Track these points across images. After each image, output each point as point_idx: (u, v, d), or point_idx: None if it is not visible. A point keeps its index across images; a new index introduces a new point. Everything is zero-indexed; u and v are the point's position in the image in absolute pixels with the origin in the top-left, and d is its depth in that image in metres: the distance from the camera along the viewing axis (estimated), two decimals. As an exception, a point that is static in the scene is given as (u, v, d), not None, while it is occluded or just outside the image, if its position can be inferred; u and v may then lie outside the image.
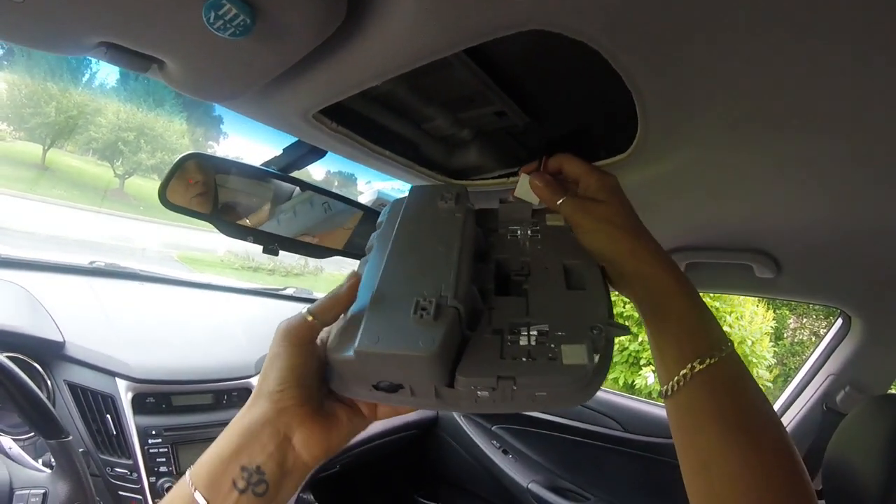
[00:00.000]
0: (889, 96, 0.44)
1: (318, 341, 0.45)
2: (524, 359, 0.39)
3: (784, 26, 0.37)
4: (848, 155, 0.56)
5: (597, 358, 0.40)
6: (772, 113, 0.50)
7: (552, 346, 0.40)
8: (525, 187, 0.57)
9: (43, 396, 0.95)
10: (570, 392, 0.39)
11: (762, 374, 6.37)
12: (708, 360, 0.45)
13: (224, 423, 1.32)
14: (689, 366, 0.45)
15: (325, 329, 0.46)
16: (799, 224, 0.81)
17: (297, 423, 0.43)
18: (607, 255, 0.50)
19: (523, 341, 0.41)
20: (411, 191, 0.57)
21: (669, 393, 0.46)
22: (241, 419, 0.43)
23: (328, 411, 0.45)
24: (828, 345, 1.43)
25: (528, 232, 0.54)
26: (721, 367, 0.45)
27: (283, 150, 0.81)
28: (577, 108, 0.68)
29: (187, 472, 0.42)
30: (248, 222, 0.86)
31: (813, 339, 8.05)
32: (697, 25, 0.38)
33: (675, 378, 0.46)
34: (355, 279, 0.45)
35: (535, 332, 0.41)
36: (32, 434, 1.19)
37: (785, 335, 8.16)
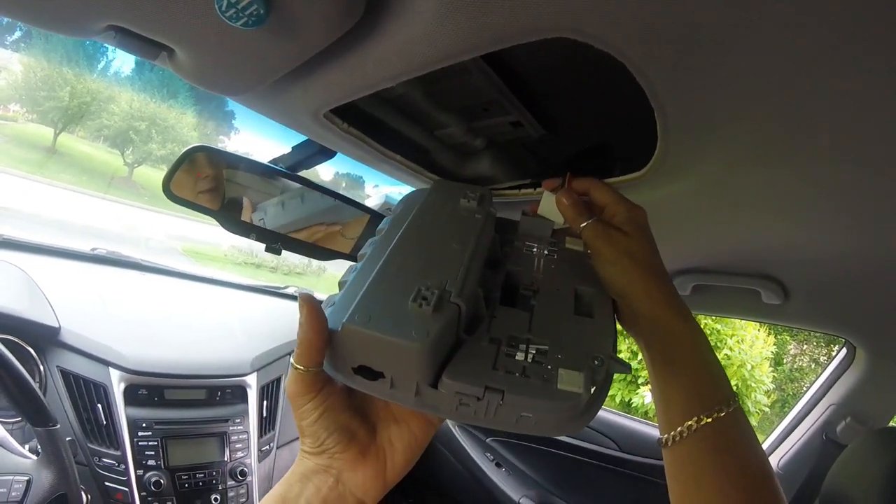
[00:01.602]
0: None
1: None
2: (517, 374, 0.37)
3: (814, 49, 0.36)
4: (870, 185, 0.54)
5: (592, 390, 0.38)
6: (794, 138, 0.49)
7: (549, 367, 0.38)
8: (549, 205, 0.56)
9: (33, 383, 0.94)
10: (557, 420, 0.37)
11: (760, 399, 6.35)
12: (715, 414, 0.43)
13: (215, 420, 1.32)
14: (696, 418, 0.44)
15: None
16: (811, 252, 0.80)
17: (346, 468, 0.41)
18: (621, 289, 0.48)
19: (520, 356, 0.39)
20: (435, 183, 0.56)
21: (670, 443, 0.45)
22: (298, 465, 0.43)
23: (380, 443, 0.43)
24: (830, 374, 1.43)
25: (545, 251, 0.52)
26: (726, 422, 0.44)
27: (292, 148, 0.80)
28: (594, 124, 0.67)
29: None
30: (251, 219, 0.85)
31: (813, 366, 8.02)
32: (727, 43, 0.37)
33: (679, 429, 0.44)
34: (310, 307, 0.38)
35: (533, 350, 0.39)
36: (21, 418, 1.18)
37: (785, 361, 8.13)
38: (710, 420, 0.43)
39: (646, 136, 0.53)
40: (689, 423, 0.44)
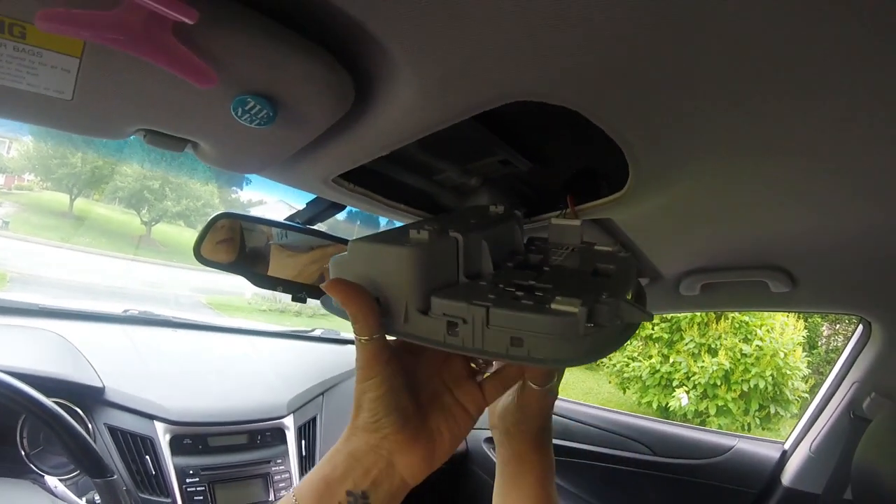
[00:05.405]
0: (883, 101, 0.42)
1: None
2: (507, 298, 0.37)
3: (765, 58, 0.37)
4: (865, 162, 0.54)
5: (593, 326, 0.36)
6: (759, 143, 0.52)
7: (548, 297, 0.37)
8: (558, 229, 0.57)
9: (89, 438, 1.00)
10: (553, 341, 0.35)
11: (798, 386, 6.14)
12: None
13: (258, 462, 1.37)
14: None
15: None
16: (807, 236, 0.80)
17: (398, 449, 0.43)
18: (538, 410, 0.57)
19: (519, 292, 0.38)
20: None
21: None
22: (345, 445, 0.44)
23: (430, 427, 0.45)
24: (850, 352, 1.42)
25: (572, 249, 0.53)
26: None
27: (307, 204, 0.86)
28: (575, 152, 0.71)
29: (291, 491, 0.44)
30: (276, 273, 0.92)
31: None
32: (672, 74, 0.40)
33: None
34: (341, 284, 0.40)
35: (534, 290, 0.39)
36: (76, 473, 1.25)
37: (819, 343, 7.92)
38: None
39: (624, 157, 0.56)
40: None
